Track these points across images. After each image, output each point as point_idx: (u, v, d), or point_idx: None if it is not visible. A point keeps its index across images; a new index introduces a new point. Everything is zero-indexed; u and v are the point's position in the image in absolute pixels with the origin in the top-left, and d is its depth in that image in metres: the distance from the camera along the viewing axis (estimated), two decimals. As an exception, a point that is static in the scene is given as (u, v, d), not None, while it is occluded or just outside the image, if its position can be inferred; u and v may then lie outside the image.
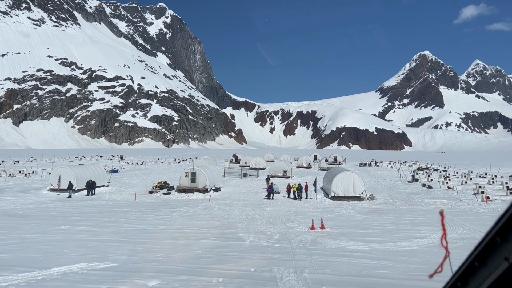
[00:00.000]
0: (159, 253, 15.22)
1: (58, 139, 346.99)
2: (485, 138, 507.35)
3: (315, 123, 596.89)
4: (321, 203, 30.59)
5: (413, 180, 45.37)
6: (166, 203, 30.15)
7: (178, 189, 35.48)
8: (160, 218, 23.32)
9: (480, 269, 1.32)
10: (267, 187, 33.53)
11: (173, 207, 27.94)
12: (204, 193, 34.90)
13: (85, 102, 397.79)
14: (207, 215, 24.44)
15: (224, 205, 28.73)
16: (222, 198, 32.60)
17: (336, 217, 24.09)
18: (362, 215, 24.95)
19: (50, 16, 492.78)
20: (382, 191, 37.42)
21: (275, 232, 19.54)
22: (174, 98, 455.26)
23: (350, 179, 31.57)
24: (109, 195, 34.47)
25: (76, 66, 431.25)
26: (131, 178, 50.06)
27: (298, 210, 26.89)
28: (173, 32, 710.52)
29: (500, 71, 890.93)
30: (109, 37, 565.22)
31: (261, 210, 26.50)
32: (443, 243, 1.64)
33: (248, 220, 22.96)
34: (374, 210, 26.90)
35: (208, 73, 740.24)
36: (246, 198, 32.77)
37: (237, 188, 40.39)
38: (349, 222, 22.38)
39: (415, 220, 23.00)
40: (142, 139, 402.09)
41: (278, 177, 51.96)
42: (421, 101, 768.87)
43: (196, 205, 28.70)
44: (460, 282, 1.43)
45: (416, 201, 30.92)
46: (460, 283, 1.43)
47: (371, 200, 31.33)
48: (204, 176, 35.09)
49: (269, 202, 30.54)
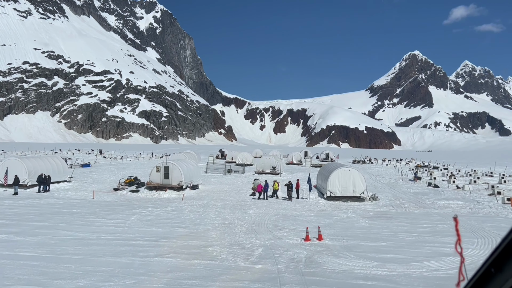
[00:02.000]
0: (84, 279, 10.22)
1: (44, 133, 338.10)
2: (473, 138, 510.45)
3: (305, 121, 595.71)
4: (315, 204, 25.77)
5: (415, 178, 40.95)
6: (129, 202, 25.08)
7: (148, 186, 30.34)
8: (111, 223, 18.24)
9: (496, 275, 1.29)
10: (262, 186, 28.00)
11: (135, 208, 22.93)
12: (178, 191, 29.87)
13: (72, 96, 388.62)
14: (173, 220, 19.46)
15: (198, 206, 23.79)
16: (198, 197, 27.58)
17: (336, 223, 19.32)
18: (367, 221, 20.18)
19: (37, 8, 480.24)
20: (383, 190, 32.82)
21: (257, 244, 14.64)
22: (163, 94, 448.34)
23: (349, 177, 26.79)
24: (65, 193, 29.22)
25: (63, 59, 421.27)
26: (101, 173, 44.71)
27: (288, 213, 22.10)
28: (163, 27, 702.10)
29: (488, 72, 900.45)
30: (97, 31, 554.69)
31: (243, 213, 21.63)
32: (457, 249, 1.62)
33: (224, 226, 18.07)
34: (381, 213, 22.21)
35: (198, 69, 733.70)
36: (226, 198, 27.83)
37: (218, 185, 35.41)
38: (353, 230, 17.62)
39: (435, 228, 18.30)
40: (130, 135, 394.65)
41: (266, 173, 47.11)
42: (411, 101, 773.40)
43: (164, 206, 23.71)
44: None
45: (426, 202, 26.34)
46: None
47: (373, 201, 26.65)
48: (179, 171, 30.02)
49: (254, 203, 25.62)
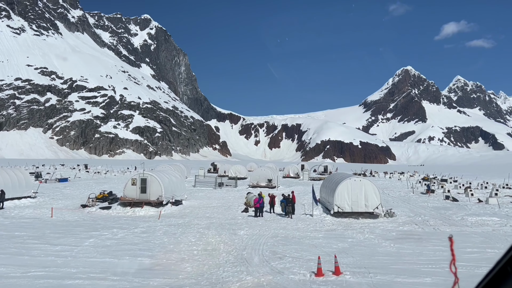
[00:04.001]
0: None
1: (35, 150, 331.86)
2: (467, 152, 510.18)
3: (300, 136, 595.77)
4: (321, 222, 21.21)
5: (428, 191, 36.62)
6: (93, 222, 20.39)
7: (122, 202, 25.66)
8: (54, 251, 13.61)
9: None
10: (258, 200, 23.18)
11: (96, 229, 18.31)
12: (157, 207, 25.23)
13: (65, 112, 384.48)
14: (139, 245, 14.84)
15: (177, 226, 19.20)
16: (179, 215, 22.95)
17: (352, 247, 14.83)
18: (392, 244, 15.68)
19: (30, 25, 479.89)
20: (397, 205, 28.38)
21: (248, 284, 10.07)
22: (157, 110, 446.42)
23: (360, 188, 22.38)
24: (21, 210, 24.46)
25: (56, 75, 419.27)
26: (76, 188, 39.87)
27: (289, 235, 17.58)
28: (157, 43, 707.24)
29: (480, 87, 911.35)
30: (92, 47, 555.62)
31: (232, 235, 17.07)
32: (452, 269, 1.63)
33: (205, 254, 13.53)
34: (405, 234, 17.76)
35: (193, 85, 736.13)
36: (214, 215, 23.23)
37: (206, 200, 30.74)
38: (378, 257, 13.14)
39: (484, 254, 13.87)
40: (123, 151, 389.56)
41: (261, 187, 42.49)
42: (404, 116, 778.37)
43: (134, 226, 19.11)
44: None
45: (454, 219, 21.90)
46: None
47: (389, 217, 22.21)
48: (159, 184, 25.43)
49: (246, 222, 21.01)
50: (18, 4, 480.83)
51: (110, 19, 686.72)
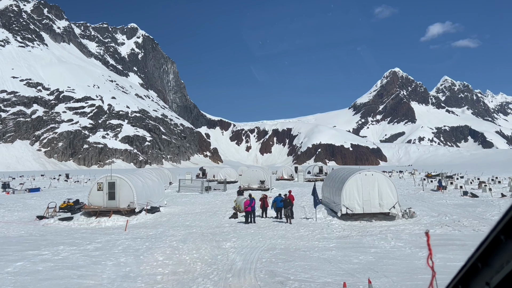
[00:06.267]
0: None
1: (22, 163, 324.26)
2: (457, 151, 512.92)
3: (291, 140, 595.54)
4: (328, 227, 17.29)
5: (439, 188, 33.05)
6: (41, 237, 16.31)
7: (87, 211, 21.31)
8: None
9: (483, 269, 1.31)
10: (249, 203, 19.02)
11: (38, 247, 14.22)
12: (129, 215, 20.96)
13: (52, 124, 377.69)
14: (82, 269, 10.75)
15: (144, 239, 15.14)
16: (153, 225, 18.88)
17: (379, 260, 10.88)
18: (428, 253, 11.56)
19: (15, 36, 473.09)
20: (411, 203, 24.86)
21: None
22: (147, 118, 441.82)
23: (372, 184, 18.50)
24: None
25: (42, 87, 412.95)
26: (46, 198, 35.60)
27: (290, 245, 13.59)
28: (145, 52, 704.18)
29: (467, 87, 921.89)
30: (78, 58, 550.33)
31: (214, 249, 13.04)
32: (429, 263, 1.72)
33: (173, 281, 9.34)
34: (442, 239, 13.89)
35: (182, 92, 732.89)
36: (195, 223, 19.20)
37: (189, 206, 26.67)
38: (422, 276, 9.19)
39: None
40: (113, 161, 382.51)
41: (252, 189, 38.43)
42: (394, 117, 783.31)
43: (89, 242, 14.92)
44: None
45: (489, 217, 18.18)
46: None
47: (409, 218, 18.28)
48: (130, 188, 21.26)
49: (234, 230, 16.99)
50: (2, 16, 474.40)
51: (96, 29, 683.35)
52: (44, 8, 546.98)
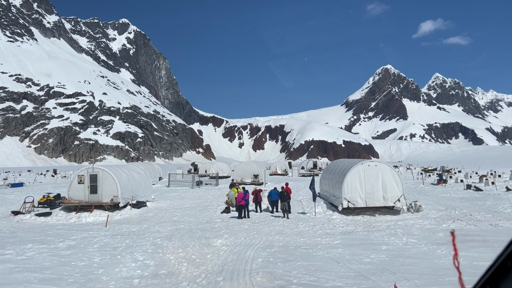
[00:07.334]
0: None
1: (12, 159, 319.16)
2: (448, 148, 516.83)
3: (283, 137, 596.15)
4: (329, 222, 15.92)
5: (439, 181, 31.96)
6: (11, 234, 14.77)
7: (67, 206, 19.59)
8: None
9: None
10: (243, 196, 17.50)
11: (3, 245, 12.52)
12: (112, 210, 19.31)
13: (42, 120, 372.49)
14: (47, 271, 9.22)
15: (125, 236, 13.60)
16: (137, 220, 17.38)
17: (394, 260, 9.47)
18: (453, 252, 10.11)
19: (4, 31, 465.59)
20: (415, 197, 23.90)
21: None
22: (138, 114, 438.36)
23: (376, 176, 17.16)
24: None
25: (32, 82, 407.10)
26: (26, 193, 33.83)
27: (289, 243, 12.12)
28: (136, 47, 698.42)
29: (458, 84, 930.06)
30: (69, 53, 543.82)
31: (203, 247, 11.51)
32: (455, 263, 1.68)
33: (153, 285, 7.78)
34: (459, 234, 12.39)
35: (174, 89, 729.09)
36: (183, 218, 17.69)
37: (178, 201, 25.15)
38: (449, 278, 7.74)
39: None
40: (104, 157, 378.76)
41: (246, 184, 36.98)
42: (386, 114, 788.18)
43: (62, 239, 13.26)
44: None
45: (502, 211, 16.88)
46: None
47: (415, 212, 16.91)
48: (113, 181, 19.66)
49: (226, 225, 15.49)
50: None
51: (87, 24, 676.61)
52: (33, 3, 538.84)
